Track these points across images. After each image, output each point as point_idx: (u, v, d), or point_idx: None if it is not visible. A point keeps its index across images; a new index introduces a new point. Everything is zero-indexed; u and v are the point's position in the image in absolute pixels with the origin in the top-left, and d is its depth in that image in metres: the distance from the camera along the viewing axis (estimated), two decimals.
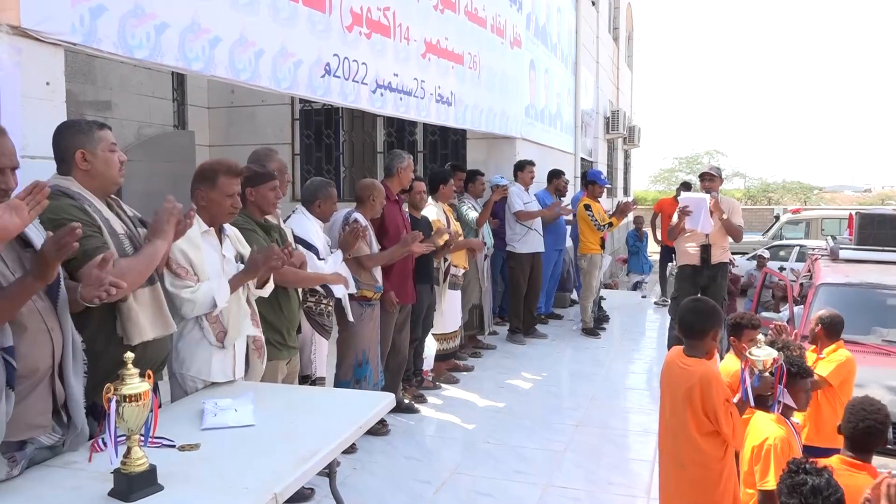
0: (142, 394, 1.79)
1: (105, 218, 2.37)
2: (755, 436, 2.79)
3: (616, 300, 9.31)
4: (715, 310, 2.86)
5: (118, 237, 2.37)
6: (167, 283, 2.65)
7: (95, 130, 2.41)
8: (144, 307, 2.41)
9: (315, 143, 9.01)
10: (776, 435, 2.72)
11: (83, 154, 2.38)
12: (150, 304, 2.44)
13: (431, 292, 5.32)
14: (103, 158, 2.39)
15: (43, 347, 1.99)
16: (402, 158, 4.87)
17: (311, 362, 3.98)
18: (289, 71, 4.23)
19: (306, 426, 2.39)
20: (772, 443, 2.69)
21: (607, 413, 5.14)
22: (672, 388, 2.85)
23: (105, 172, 2.40)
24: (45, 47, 2.83)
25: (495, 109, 7.35)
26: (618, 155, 16.54)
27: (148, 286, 2.44)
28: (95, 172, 2.39)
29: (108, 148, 2.41)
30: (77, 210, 2.30)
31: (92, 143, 2.38)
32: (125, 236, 2.41)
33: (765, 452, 2.69)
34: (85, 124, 2.42)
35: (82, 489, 1.86)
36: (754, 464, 2.73)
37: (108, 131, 2.45)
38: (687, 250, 6.18)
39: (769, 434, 2.73)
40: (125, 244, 2.38)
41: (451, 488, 3.82)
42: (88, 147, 2.38)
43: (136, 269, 2.31)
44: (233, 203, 2.96)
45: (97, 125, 2.43)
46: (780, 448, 2.68)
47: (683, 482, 2.83)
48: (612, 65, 15.48)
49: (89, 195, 2.38)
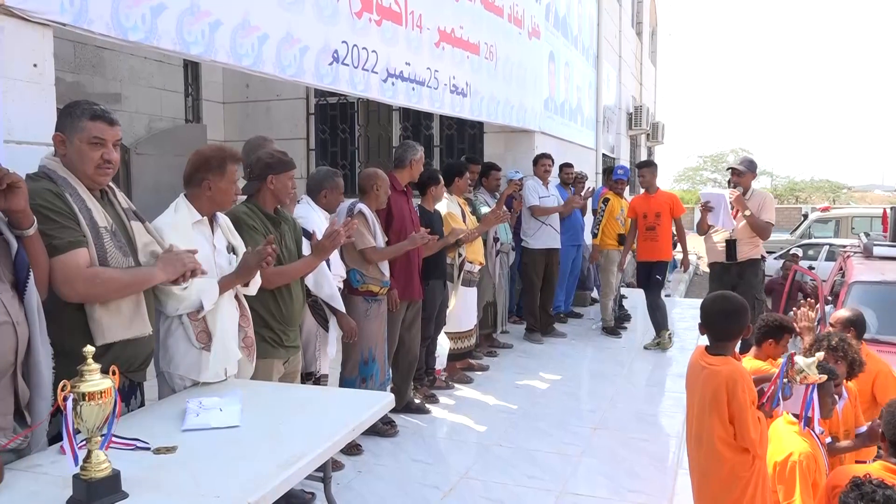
0: (102, 391, 1.62)
1: (87, 208, 2.21)
2: (778, 449, 2.55)
3: (638, 299, 9.02)
4: (743, 308, 2.62)
5: (97, 229, 2.21)
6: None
7: (84, 119, 2.23)
8: (123, 306, 2.25)
9: (330, 137, 8.89)
10: (801, 450, 2.49)
11: (60, 138, 2.23)
12: (129, 302, 2.27)
13: (445, 288, 5.13)
14: (78, 149, 2.22)
15: (4, 341, 1.83)
16: (416, 150, 4.69)
17: (315, 359, 3.81)
18: (294, 58, 4.07)
19: (295, 428, 2.21)
20: (797, 459, 2.46)
21: (628, 416, 4.91)
22: (696, 391, 2.62)
23: (77, 165, 2.23)
24: (31, 27, 2.69)
25: (513, 101, 7.14)
26: (641, 152, 16.21)
27: None
28: (68, 162, 2.23)
29: (88, 140, 2.22)
30: (53, 196, 2.14)
31: (72, 129, 2.23)
32: (106, 230, 2.24)
33: (789, 469, 2.46)
34: (79, 109, 2.25)
35: (40, 495, 1.69)
36: (777, 481, 2.50)
37: (99, 124, 2.24)
38: (714, 247, 5.88)
39: (794, 449, 2.50)
40: (105, 238, 2.22)
41: (461, 494, 3.62)
42: (67, 133, 2.23)
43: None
44: (235, 190, 2.84)
45: (90, 115, 2.24)
46: (805, 465, 2.45)
47: (707, 492, 2.61)
48: (634, 60, 15.16)
49: (75, 181, 2.22)
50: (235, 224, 2.95)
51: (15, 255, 1.93)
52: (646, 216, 6.73)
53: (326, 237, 3.13)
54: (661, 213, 6.69)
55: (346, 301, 3.90)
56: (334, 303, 3.75)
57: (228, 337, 2.74)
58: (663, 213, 6.69)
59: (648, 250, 6.76)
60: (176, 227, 2.65)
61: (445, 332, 5.35)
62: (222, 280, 2.70)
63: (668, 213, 6.70)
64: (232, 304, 2.79)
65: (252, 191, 3.16)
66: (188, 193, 2.78)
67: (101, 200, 2.33)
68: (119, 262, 2.25)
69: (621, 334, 7.31)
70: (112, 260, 2.23)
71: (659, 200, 6.75)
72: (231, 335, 2.76)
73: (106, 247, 2.22)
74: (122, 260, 2.27)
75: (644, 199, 6.84)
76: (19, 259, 1.94)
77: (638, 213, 6.80)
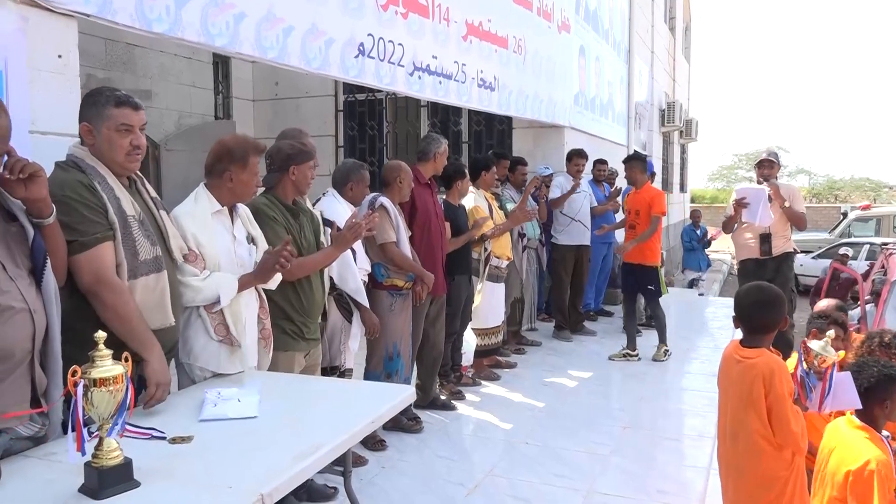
0: (113, 378, 1.59)
1: (115, 197, 2.20)
2: (851, 457, 2.38)
3: (671, 298, 8.85)
4: (780, 299, 2.51)
5: (126, 219, 2.20)
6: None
7: (110, 107, 2.22)
8: (145, 298, 2.23)
9: (359, 134, 8.88)
10: (878, 457, 2.32)
11: (88, 128, 2.22)
12: (152, 293, 2.25)
13: (470, 284, 5.06)
14: (107, 137, 2.21)
15: (21, 328, 1.81)
16: (440, 143, 4.63)
17: (339, 353, 3.78)
18: (319, 50, 4.04)
19: (313, 420, 2.16)
20: (874, 467, 2.30)
21: (658, 415, 4.79)
22: (731, 386, 2.51)
23: (107, 153, 2.23)
24: (56, 18, 2.69)
25: (542, 96, 7.04)
26: (674, 149, 15.94)
27: (154, 273, 2.26)
28: (98, 151, 2.22)
29: (116, 127, 2.22)
30: (83, 188, 2.13)
31: (99, 118, 2.21)
32: (135, 219, 2.23)
33: (866, 477, 2.29)
34: (104, 96, 2.24)
35: (55, 483, 1.67)
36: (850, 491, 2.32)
37: (125, 110, 2.24)
38: (746, 243, 5.73)
39: (870, 457, 2.33)
40: (133, 227, 2.21)
41: (485, 491, 3.55)
42: (94, 122, 2.21)
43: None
44: (257, 182, 2.82)
45: (115, 101, 2.23)
46: (884, 473, 2.29)
47: (743, 492, 2.50)
48: (667, 55, 14.92)
49: (103, 170, 2.21)
50: (255, 215, 2.92)
51: (32, 242, 1.92)
52: (629, 212, 6.36)
53: (347, 229, 3.09)
54: (640, 212, 6.14)
55: (370, 295, 3.85)
56: (358, 297, 3.71)
57: (248, 329, 2.71)
58: (643, 210, 6.12)
59: (631, 251, 6.22)
60: (195, 217, 2.63)
61: (472, 328, 5.28)
62: (242, 279, 2.66)
63: (646, 212, 6.11)
64: (251, 296, 2.77)
65: (272, 182, 3.13)
66: (209, 183, 2.76)
67: (129, 189, 2.31)
68: (147, 250, 2.24)
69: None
70: (141, 249, 2.22)
71: (642, 197, 6.21)
72: (250, 327, 2.73)
73: (134, 235, 2.21)
74: (149, 249, 2.25)
75: (634, 194, 6.37)
76: (36, 246, 1.93)
77: (628, 208, 6.44)
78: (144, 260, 2.23)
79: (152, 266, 2.25)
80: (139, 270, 2.21)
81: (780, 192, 5.54)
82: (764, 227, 5.57)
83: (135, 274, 2.20)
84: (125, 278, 2.17)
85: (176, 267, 2.45)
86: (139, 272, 2.21)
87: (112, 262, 2.15)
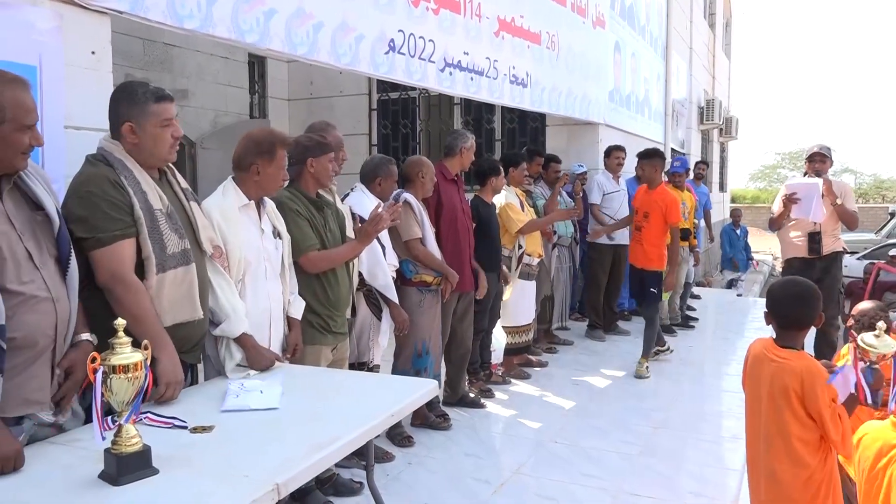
0: (132, 365, 1.61)
1: (141, 191, 2.21)
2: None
3: (709, 298, 8.70)
4: (816, 294, 2.42)
5: (153, 213, 2.21)
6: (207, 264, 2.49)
7: (150, 103, 2.25)
8: (172, 291, 2.24)
9: (392, 132, 8.92)
10: None
11: (131, 127, 2.24)
12: (180, 286, 2.27)
13: (498, 281, 5.02)
14: (152, 134, 2.25)
15: (45, 317, 1.84)
16: (466, 138, 4.59)
17: (368, 349, 3.78)
18: (350, 46, 4.04)
19: (334, 412, 2.16)
20: None
21: (692, 416, 4.69)
22: (764, 386, 2.42)
23: (152, 149, 2.26)
24: (90, 15, 2.74)
25: (576, 93, 6.96)
26: (713, 148, 15.64)
27: (182, 266, 2.27)
28: (142, 147, 2.25)
29: (160, 123, 2.26)
30: (108, 184, 2.15)
31: (142, 116, 2.24)
32: (161, 212, 2.24)
33: None
34: (141, 93, 2.27)
35: (75, 469, 1.69)
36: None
37: (165, 104, 2.28)
38: (793, 241, 5.51)
39: None
40: (160, 220, 2.22)
41: (512, 489, 3.51)
42: (137, 120, 2.24)
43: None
44: (284, 175, 2.83)
45: (154, 96, 2.27)
46: None
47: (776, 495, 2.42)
48: (707, 52, 14.64)
49: (131, 164, 2.24)
50: (279, 208, 2.93)
51: (58, 232, 1.95)
52: (636, 212, 5.77)
53: (370, 222, 3.08)
54: (649, 214, 5.57)
55: (399, 292, 3.83)
56: (388, 293, 3.71)
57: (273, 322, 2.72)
58: (653, 213, 5.55)
59: (634, 254, 5.79)
60: (223, 211, 2.65)
61: (502, 326, 5.24)
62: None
63: (658, 216, 5.53)
64: (277, 289, 2.78)
65: (294, 175, 3.14)
66: (236, 177, 2.78)
67: (159, 182, 2.33)
68: (175, 244, 2.25)
69: (676, 332, 7.03)
70: (168, 242, 2.23)
71: (653, 199, 5.60)
72: (277, 319, 2.74)
73: (161, 229, 2.22)
74: (177, 242, 2.26)
75: (644, 193, 5.78)
76: (61, 236, 1.96)
77: (636, 207, 5.81)
78: (172, 253, 2.24)
79: (180, 259, 2.27)
80: (167, 264, 2.23)
81: (833, 188, 5.33)
82: (814, 224, 5.37)
83: (163, 267, 2.21)
84: (154, 272, 2.19)
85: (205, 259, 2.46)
86: (167, 265, 2.23)
87: (131, 260, 2.15)
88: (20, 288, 1.78)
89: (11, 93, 1.79)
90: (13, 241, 1.81)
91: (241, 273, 2.64)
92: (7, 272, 1.76)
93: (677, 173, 7.17)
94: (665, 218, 5.51)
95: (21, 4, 2.45)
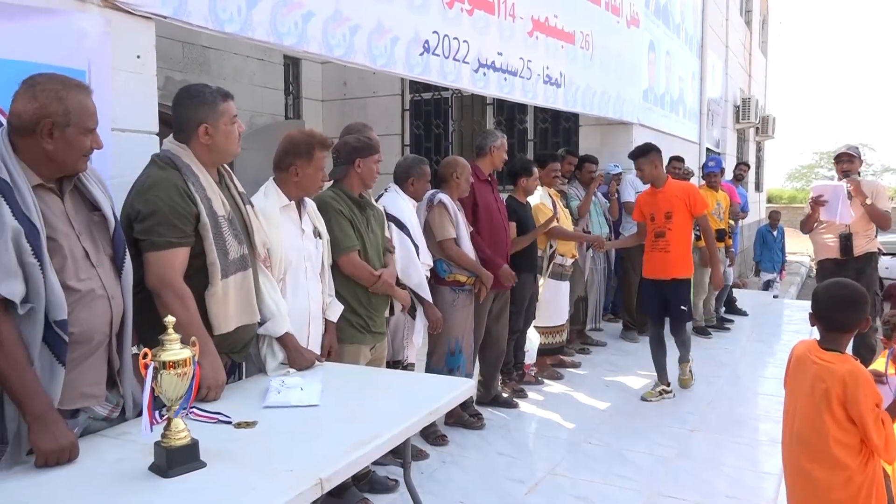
0: (182, 361, 1.66)
1: (207, 197, 2.27)
2: None
3: (745, 300, 8.57)
4: (863, 296, 2.38)
5: (217, 219, 2.26)
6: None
7: (220, 102, 2.33)
8: (232, 297, 2.29)
9: (425, 132, 8.95)
10: None
11: (206, 129, 2.30)
12: (241, 289, 2.32)
13: (535, 282, 5.02)
14: (224, 132, 2.32)
15: (100, 314, 1.91)
16: (496, 137, 4.58)
17: (402, 347, 3.82)
18: (385, 48, 4.09)
19: (373, 409, 2.19)
20: None
21: (729, 419, 4.64)
22: (805, 388, 2.39)
23: (225, 146, 2.34)
24: (135, 20, 2.81)
25: (609, 92, 6.93)
26: (749, 147, 15.39)
27: (241, 271, 2.33)
28: (215, 146, 2.32)
29: (230, 121, 2.34)
30: (176, 192, 2.19)
31: (215, 116, 2.31)
32: (225, 219, 2.29)
33: None
34: (209, 94, 2.34)
35: (126, 461, 1.75)
36: None
37: (231, 102, 2.38)
38: (825, 243, 5.44)
39: None
40: (223, 227, 2.28)
41: (546, 489, 3.52)
42: (211, 121, 2.30)
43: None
44: (323, 176, 2.87)
45: (221, 95, 2.35)
46: None
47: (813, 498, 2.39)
48: (743, 50, 14.42)
49: (198, 168, 2.30)
50: (321, 208, 2.98)
51: (113, 232, 2.02)
52: (653, 218, 4.96)
53: None
54: (672, 213, 4.87)
55: (432, 291, 3.86)
56: (422, 292, 3.74)
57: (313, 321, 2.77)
58: (675, 211, 4.87)
59: (658, 265, 4.93)
60: (264, 212, 2.70)
61: (535, 326, 5.24)
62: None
63: (683, 212, 4.87)
64: (317, 288, 2.83)
65: (339, 175, 3.19)
66: (277, 178, 2.83)
67: (219, 185, 2.39)
68: (235, 249, 2.31)
69: (712, 335, 6.95)
70: (230, 248, 2.28)
71: (668, 195, 4.92)
72: (316, 318, 2.79)
73: (224, 235, 2.27)
74: (237, 248, 2.32)
75: (650, 195, 5.03)
76: (117, 236, 2.02)
77: (644, 214, 5.06)
78: (233, 259, 2.30)
79: (240, 265, 2.32)
80: (230, 269, 2.28)
81: (862, 188, 5.23)
82: (843, 225, 5.29)
83: (226, 273, 2.27)
84: (218, 278, 2.24)
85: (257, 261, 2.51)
86: (230, 271, 2.28)
87: (182, 267, 2.19)
88: (78, 285, 1.85)
89: (76, 97, 1.85)
90: (72, 240, 1.88)
91: (282, 272, 2.70)
92: (67, 270, 1.83)
93: (713, 173, 7.09)
94: (691, 211, 4.89)
95: (71, 11, 2.53)
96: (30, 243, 1.73)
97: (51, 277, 1.76)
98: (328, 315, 2.94)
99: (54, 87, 1.83)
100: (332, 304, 2.96)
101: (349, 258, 3.04)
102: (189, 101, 2.33)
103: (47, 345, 1.77)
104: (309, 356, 2.63)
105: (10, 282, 1.69)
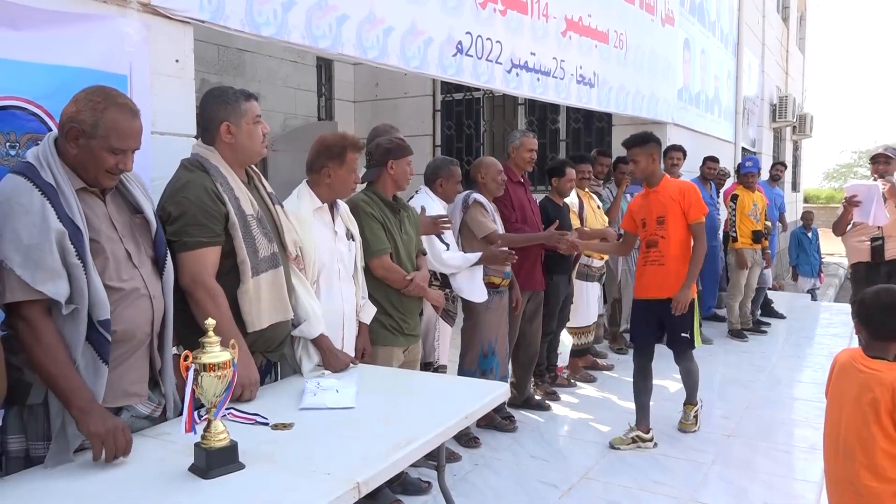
0: (221, 363, 1.67)
1: (235, 197, 2.29)
2: None
3: (781, 303, 8.42)
4: None
5: (245, 218, 2.29)
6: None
7: (242, 102, 2.36)
8: (264, 294, 2.31)
9: (456, 133, 8.95)
10: None
11: (228, 127, 2.33)
12: (272, 288, 2.34)
13: (569, 284, 4.98)
14: (247, 131, 2.34)
15: (142, 313, 1.94)
16: (514, 137, 4.54)
17: (434, 349, 3.82)
18: (418, 49, 4.09)
19: (408, 412, 2.19)
20: None
21: (766, 425, 4.55)
22: (850, 397, 2.32)
23: (248, 146, 2.36)
24: (174, 25, 2.85)
25: (643, 92, 6.85)
26: (786, 146, 15.10)
27: (272, 269, 2.34)
28: (238, 145, 2.34)
29: (253, 120, 2.36)
30: (205, 193, 2.22)
31: (237, 115, 2.34)
32: (254, 217, 2.32)
33: None
34: (232, 94, 2.37)
35: (166, 462, 1.77)
36: None
37: (254, 102, 2.40)
38: (857, 246, 5.29)
39: None
40: (252, 225, 2.30)
41: (579, 493, 3.49)
42: (233, 119, 2.33)
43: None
44: (355, 178, 2.88)
45: (244, 96, 2.38)
46: None
47: None
48: (780, 47, 14.15)
49: (226, 169, 2.33)
50: (353, 211, 2.99)
51: (155, 234, 2.05)
52: (644, 224, 4.11)
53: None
54: (665, 217, 4.00)
55: None
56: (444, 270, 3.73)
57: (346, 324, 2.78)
58: (669, 215, 3.99)
59: (651, 281, 4.06)
60: (297, 215, 2.72)
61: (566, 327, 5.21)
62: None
63: (678, 216, 3.99)
64: (350, 290, 2.84)
65: (372, 177, 3.19)
66: (310, 180, 2.85)
67: (248, 186, 2.41)
68: (265, 247, 2.33)
69: (748, 338, 6.83)
70: (260, 246, 2.31)
71: (662, 196, 4.04)
72: (350, 321, 2.80)
73: (253, 234, 2.29)
74: (267, 246, 2.34)
75: (643, 197, 4.20)
76: (158, 238, 2.06)
77: (636, 220, 4.18)
78: (264, 257, 2.32)
79: (270, 263, 2.34)
80: (260, 267, 2.30)
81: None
82: (876, 228, 5.14)
83: (257, 271, 2.29)
84: (249, 276, 2.26)
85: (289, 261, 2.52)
86: (260, 269, 2.30)
87: (213, 266, 2.22)
88: (120, 284, 1.89)
89: (112, 115, 1.87)
90: (115, 242, 1.92)
91: (315, 275, 2.71)
92: (109, 271, 1.87)
93: (750, 173, 6.97)
94: (686, 215, 3.99)
95: (113, 16, 2.57)
96: (73, 245, 1.77)
97: (94, 278, 1.80)
98: (361, 317, 2.95)
99: (96, 98, 1.86)
100: (366, 306, 2.97)
101: (381, 261, 3.05)
102: (212, 102, 2.37)
103: (91, 344, 1.80)
104: (344, 358, 2.64)
105: (55, 282, 1.73)
